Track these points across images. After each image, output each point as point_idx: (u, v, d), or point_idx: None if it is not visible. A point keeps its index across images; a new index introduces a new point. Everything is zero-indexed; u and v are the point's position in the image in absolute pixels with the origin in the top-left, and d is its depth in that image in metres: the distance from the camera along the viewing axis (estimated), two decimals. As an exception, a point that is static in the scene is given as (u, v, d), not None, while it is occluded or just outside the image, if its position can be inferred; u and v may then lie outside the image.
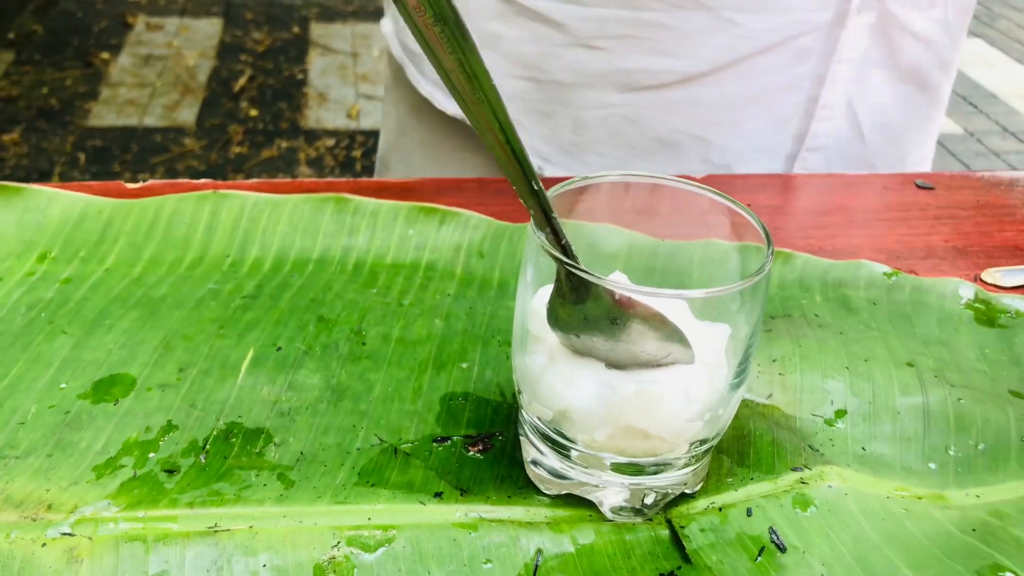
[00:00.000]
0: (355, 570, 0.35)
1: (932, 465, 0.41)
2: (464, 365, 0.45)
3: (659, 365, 0.35)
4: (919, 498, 0.39)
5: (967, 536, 0.37)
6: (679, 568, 0.36)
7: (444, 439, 0.41)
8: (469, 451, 0.40)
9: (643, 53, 0.64)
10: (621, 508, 0.37)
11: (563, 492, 0.38)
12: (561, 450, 0.37)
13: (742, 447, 0.41)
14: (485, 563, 0.35)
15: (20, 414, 0.41)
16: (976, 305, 0.51)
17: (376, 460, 0.39)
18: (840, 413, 0.43)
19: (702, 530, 0.37)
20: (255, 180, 0.62)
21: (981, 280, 0.54)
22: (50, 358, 0.44)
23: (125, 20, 3.12)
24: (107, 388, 0.42)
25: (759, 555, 0.36)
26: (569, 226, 0.36)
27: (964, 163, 2.57)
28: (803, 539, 0.37)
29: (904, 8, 0.66)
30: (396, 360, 0.45)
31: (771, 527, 0.37)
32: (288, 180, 0.71)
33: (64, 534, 0.35)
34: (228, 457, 0.39)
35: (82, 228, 0.52)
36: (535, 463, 0.38)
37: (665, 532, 0.37)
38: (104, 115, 2.59)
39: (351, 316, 0.48)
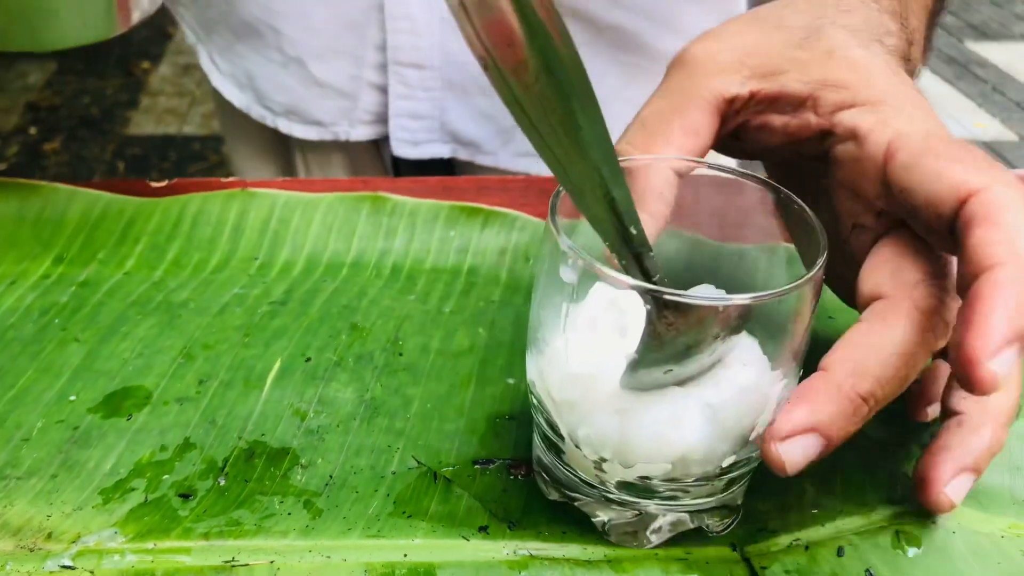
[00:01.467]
0: (389, 613, 0.30)
1: (1048, 499, 0.35)
2: (511, 380, 0.41)
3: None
4: (1037, 538, 0.34)
5: (1097, 584, 0.32)
6: (761, 617, 0.31)
7: (487, 462, 0.36)
8: (511, 474, 0.36)
9: None
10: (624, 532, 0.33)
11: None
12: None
13: (827, 474, 0.36)
14: (537, 607, 0.31)
15: (25, 429, 0.37)
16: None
17: (413, 486, 0.35)
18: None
19: (786, 572, 0.32)
20: (286, 179, 0.59)
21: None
22: (60, 368, 0.40)
23: (165, 30, 3.13)
24: (120, 401, 0.38)
25: (854, 603, 0.31)
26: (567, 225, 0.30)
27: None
28: (907, 586, 0.32)
29: None
30: (436, 374, 0.41)
31: (868, 570, 0.32)
32: (322, 179, 0.68)
33: (64, 567, 0.31)
34: (249, 480, 0.35)
35: (102, 228, 0.49)
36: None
37: (743, 572, 0.32)
38: (143, 124, 2.59)
39: (387, 324, 0.44)
